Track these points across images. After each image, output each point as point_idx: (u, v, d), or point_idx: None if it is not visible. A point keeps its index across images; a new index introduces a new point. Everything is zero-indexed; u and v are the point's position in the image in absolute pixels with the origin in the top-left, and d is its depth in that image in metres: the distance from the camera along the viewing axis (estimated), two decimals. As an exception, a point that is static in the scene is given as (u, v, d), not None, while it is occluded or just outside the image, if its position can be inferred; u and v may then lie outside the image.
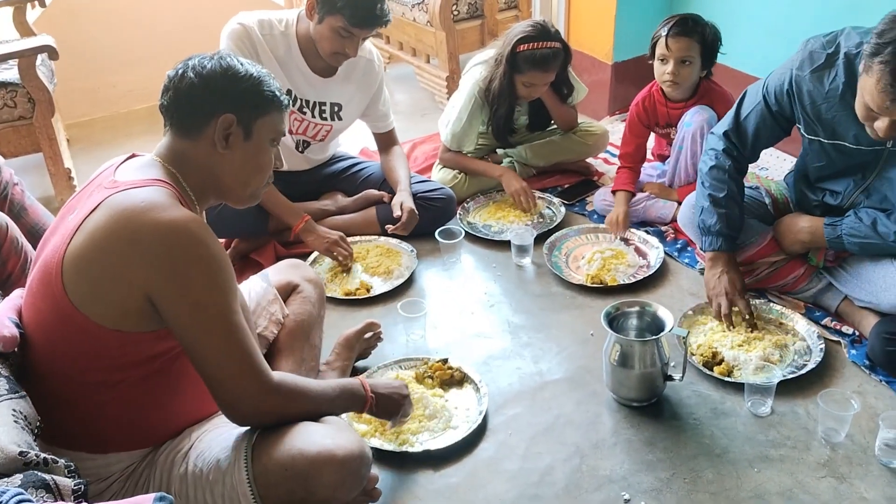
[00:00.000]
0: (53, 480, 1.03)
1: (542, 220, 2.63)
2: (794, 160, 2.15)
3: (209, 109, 1.34)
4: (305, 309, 1.82)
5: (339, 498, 1.32)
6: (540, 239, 2.47)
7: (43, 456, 1.07)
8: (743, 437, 1.75)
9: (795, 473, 1.65)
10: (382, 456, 1.71)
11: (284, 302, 1.81)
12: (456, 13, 3.51)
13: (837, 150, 1.90)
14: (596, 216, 2.64)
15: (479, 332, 2.15)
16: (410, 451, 1.71)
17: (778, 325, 2.04)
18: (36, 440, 1.18)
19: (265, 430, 1.34)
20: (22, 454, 1.06)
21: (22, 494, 0.95)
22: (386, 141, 2.64)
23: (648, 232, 2.49)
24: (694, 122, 2.40)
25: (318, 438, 1.31)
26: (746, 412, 1.81)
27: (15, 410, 1.16)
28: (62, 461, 1.09)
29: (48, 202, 2.64)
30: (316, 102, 2.42)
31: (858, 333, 2.01)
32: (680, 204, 2.35)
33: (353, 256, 2.40)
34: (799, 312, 2.07)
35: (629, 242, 2.46)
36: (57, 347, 1.29)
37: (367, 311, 2.24)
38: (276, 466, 1.29)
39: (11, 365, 1.28)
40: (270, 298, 1.77)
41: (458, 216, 2.62)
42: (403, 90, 3.91)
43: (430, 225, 2.47)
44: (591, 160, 2.93)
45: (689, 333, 1.94)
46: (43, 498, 1.00)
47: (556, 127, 2.87)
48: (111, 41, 3.67)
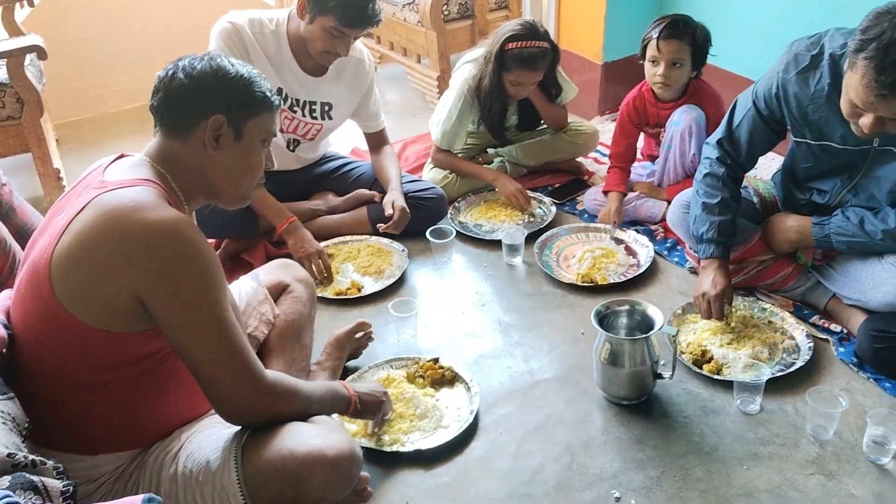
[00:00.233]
0: (42, 482, 1.03)
1: (532, 219, 2.63)
2: (781, 160, 2.16)
3: (199, 110, 1.34)
4: (296, 309, 1.82)
5: (329, 498, 1.32)
6: (531, 238, 2.47)
7: (31, 457, 1.06)
8: (732, 434, 1.75)
9: (784, 471, 1.66)
10: (373, 456, 1.71)
11: (275, 302, 1.81)
12: (447, 13, 3.51)
13: (825, 150, 1.91)
14: (586, 215, 2.65)
15: (470, 331, 2.16)
16: (401, 450, 1.71)
17: (767, 323, 2.05)
18: (24, 442, 1.17)
19: (255, 430, 1.34)
20: (10, 456, 1.05)
21: (10, 497, 0.94)
22: (377, 140, 2.64)
23: (638, 231, 2.50)
24: (682, 121, 2.41)
25: (308, 439, 1.31)
26: (735, 410, 1.82)
27: (3, 412, 1.16)
28: (51, 463, 1.09)
29: (37, 203, 2.62)
30: (306, 101, 2.42)
31: (846, 331, 2.02)
32: (669, 203, 2.36)
33: (330, 274, 2.33)
34: (787, 311, 2.08)
35: (621, 242, 2.47)
36: (45, 348, 1.28)
37: (357, 310, 2.24)
38: (266, 467, 1.29)
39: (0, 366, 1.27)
40: (261, 298, 1.77)
41: (449, 216, 2.62)
42: (394, 90, 3.90)
43: (421, 224, 2.46)
44: (581, 159, 2.94)
45: (678, 332, 1.95)
46: (31, 500, 0.99)
47: (546, 126, 2.88)
48: (100, 41, 3.65)
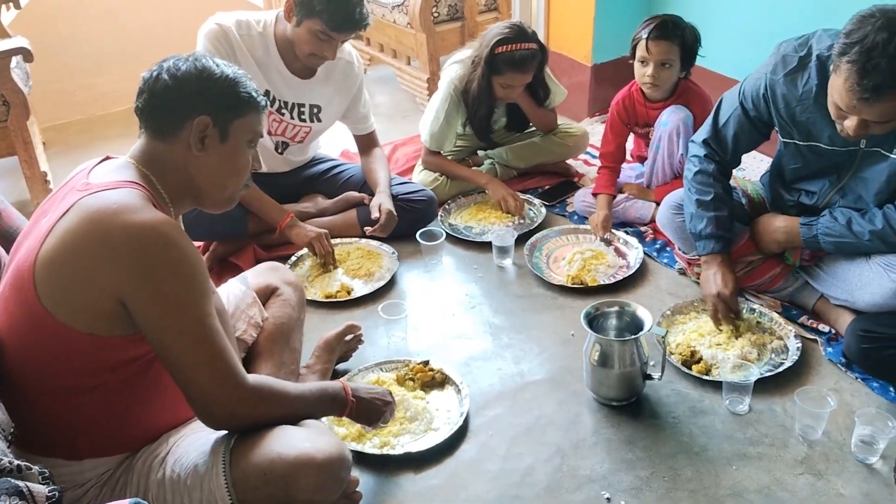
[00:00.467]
0: (27, 487, 1.01)
1: (522, 221, 2.63)
2: (770, 161, 2.17)
3: (184, 111, 1.33)
4: (285, 312, 1.81)
5: (319, 501, 1.31)
6: (521, 240, 2.47)
7: (17, 462, 1.05)
8: (721, 435, 1.76)
9: (773, 471, 1.66)
10: (363, 459, 1.70)
11: (264, 305, 1.80)
12: (436, 15, 3.51)
13: (813, 151, 1.92)
14: (576, 217, 2.66)
15: (460, 333, 2.15)
16: (391, 453, 1.71)
17: (755, 323, 2.06)
18: (9, 447, 1.16)
19: (243, 434, 1.33)
20: (-6, 461, 1.04)
21: (-5, 502, 0.93)
22: (366, 143, 2.64)
23: (628, 232, 2.51)
24: (670, 121, 2.42)
25: (297, 442, 1.30)
26: (724, 410, 1.82)
27: (-13, 417, 1.15)
28: (36, 468, 1.08)
29: (24, 206, 2.60)
30: (294, 104, 2.41)
31: (834, 331, 2.03)
32: (658, 204, 2.36)
33: (334, 257, 2.38)
34: (776, 311, 2.09)
35: (610, 243, 2.47)
36: (30, 352, 1.27)
37: (347, 313, 2.23)
38: (254, 471, 1.28)
39: (-16, 371, 1.26)
40: (249, 301, 1.76)
41: (439, 218, 2.62)
42: (384, 92, 3.90)
43: (411, 227, 2.46)
44: (571, 161, 2.95)
45: (667, 333, 1.95)
46: (16, 505, 0.98)
47: (535, 128, 2.89)
48: (87, 43, 3.63)
